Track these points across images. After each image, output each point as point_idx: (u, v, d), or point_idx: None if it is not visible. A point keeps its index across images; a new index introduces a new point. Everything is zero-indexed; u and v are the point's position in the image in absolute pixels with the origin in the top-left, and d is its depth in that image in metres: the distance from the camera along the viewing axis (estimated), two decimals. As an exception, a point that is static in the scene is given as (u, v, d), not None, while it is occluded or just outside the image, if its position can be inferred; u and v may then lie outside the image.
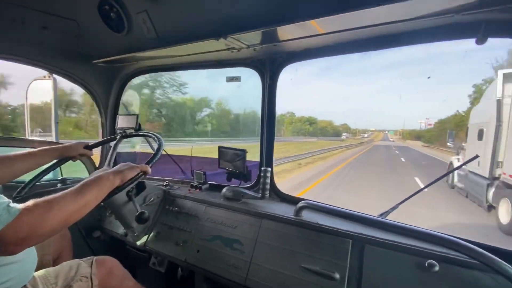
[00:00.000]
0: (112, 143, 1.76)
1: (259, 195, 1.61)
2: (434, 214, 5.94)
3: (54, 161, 1.41)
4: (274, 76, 1.63)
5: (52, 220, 0.75)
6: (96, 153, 1.92)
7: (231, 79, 1.77)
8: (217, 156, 1.77)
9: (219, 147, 1.74)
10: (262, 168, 1.60)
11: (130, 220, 1.52)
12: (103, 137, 2.19)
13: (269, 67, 1.62)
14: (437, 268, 0.98)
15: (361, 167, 14.61)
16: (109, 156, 1.69)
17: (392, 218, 1.29)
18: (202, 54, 1.65)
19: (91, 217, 1.97)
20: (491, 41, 0.99)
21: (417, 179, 9.53)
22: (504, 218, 5.01)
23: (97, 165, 2.14)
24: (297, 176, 10.62)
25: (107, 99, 2.19)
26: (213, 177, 1.95)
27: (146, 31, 1.53)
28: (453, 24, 1.05)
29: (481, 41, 0.98)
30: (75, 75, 1.96)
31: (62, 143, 1.51)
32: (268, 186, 1.60)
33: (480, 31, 0.98)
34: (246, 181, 1.71)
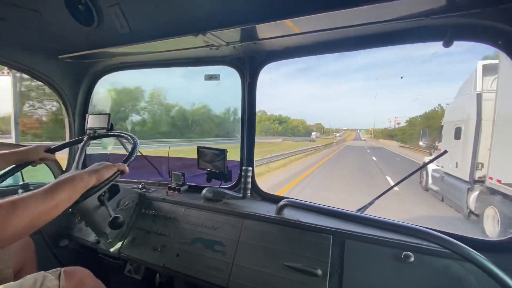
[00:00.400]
0: (80, 145, 1.64)
1: (241, 195, 1.59)
2: (406, 218, 5.32)
3: (12, 166, 1.29)
4: (254, 75, 1.62)
5: (16, 222, 0.66)
6: (63, 156, 1.78)
7: (209, 77, 1.73)
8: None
9: (198, 147, 1.70)
10: (243, 168, 1.58)
11: (103, 226, 1.42)
12: (70, 138, 2.03)
13: (249, 66, 1.61)
14: (412, 259, 1.03)
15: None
16: (76, 158, 1.57)
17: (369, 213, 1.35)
18: (180, 51, 1.60)
19: (57, 225, 1.82)
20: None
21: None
22: (490, 229, 4.31)
23: (64, 169, 1.98)
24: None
25: (75, 98, 2.03)
26: (192, 178, 1.89)
27: (119, 26, 1.44)
28: (422, 28, 1.11)
29: (447, 43, 1.05)
30: (38, 71, 1.80)
31: (24, 146, 1.38)
32: (249, 186, 1.58)
33: (447, 34, 1.05)
34: (227, 181, 1.68)
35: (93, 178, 0.93)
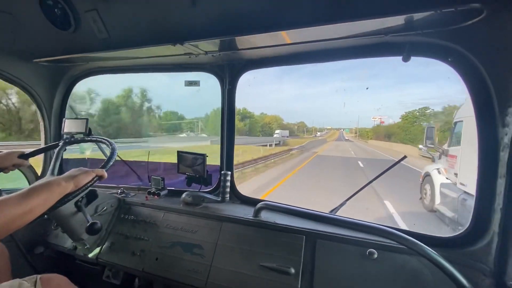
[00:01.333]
0: (56, 150, 1.62)
1: (220, 199, 1.63)
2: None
3: None
4: (233, 82, 1.68)
5: None
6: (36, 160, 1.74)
7: (189, 83, 1.77)
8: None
9: (178, 152, 1.72)
10: (222, 172, 1.62)
11: (80, 232, 1.42)
12: (46, 143, 1.99)
13: (228, 73, 1.66)
14: (376, 255, 1.13)
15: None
16: (52, 164, 1.55)
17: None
18: (159, 58, 1.62)
19: (32, 231, 1.78)
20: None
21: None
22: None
23: (39, 174, 1.93)
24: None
25: (51, 101, 1.99)
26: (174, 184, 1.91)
27: (97, 31, 1.44)
28: (384, 43, 1.22)
29: (406, 58, 1.16)
30: (11, 74, 1.75)
31: None
32: (228, 190, 1.63)
33: (405, 50, 1.16)
34: (207, 185, 1.71)
35: (71, 184, 0.93)
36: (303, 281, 1.17)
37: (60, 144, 1.63)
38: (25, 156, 1.45)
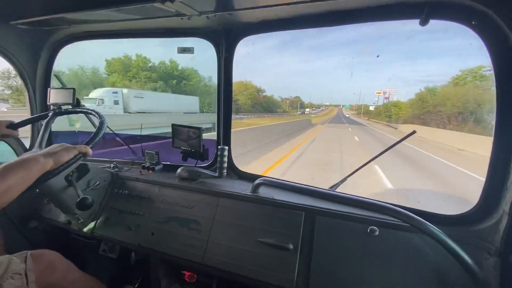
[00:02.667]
0: (44, 121, 1.52)
1: (217, 174, 1.57)
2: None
3: None
4: (230, 49, 1.54)
5: None
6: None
7: (183, 50, 1.62)
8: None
9: (173, 125, 1.63)
10: (219, 147, 1.55)
11: (72, 207, 1.37)
12: (32, 114, 1.88)
13: (225, 39, 1.52)
14: (377, 233, 1.10)
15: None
16: (39, 136, 1.46)
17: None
18: (149, 20, 1.46)
19: (25, 206, 1.74)
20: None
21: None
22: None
23: (27, 147, 1.85)
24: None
25: (34, 70, 1.85)
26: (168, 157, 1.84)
27: (77, -13, 1.28)
28: (400, 4, 1.08)
29: (424, 22, 1.04)
30: None
31: None
32: (225, 165, 1.57)
33: (423, 12, 1.03)
34: (203, 160, 1.65)
35: (50, 161, 0.86)
36: (302, 256, 1.15)
37: (49, 114, 1.53)
38: (14, 126, 1.35)
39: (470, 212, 1.08)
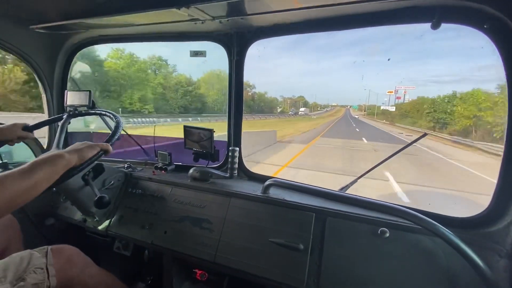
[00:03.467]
0: (60, 123, 1.58)
1: (227, 175, 1.61)
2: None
3: None
4: (241, 52, 1.57)
5: None
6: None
7: (195, 53, 1.66)
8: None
9: (185, 126, 1.67)
10: (230, 148, 1.58)
11: (89, 205, 1.42)
12: (49, 116, 1.95)
13: (236, 42, 1.55)
14: (388, 234, 1.11)
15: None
16: (56, 137, 1.52)
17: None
18: (163, 25, 1.51)
19: (42, 203, 1.80)
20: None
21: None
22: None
23: (44, 147, 1.91)
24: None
25: (52, 73, 1.91)
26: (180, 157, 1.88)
27: (95, -6, 1.33)
28: (412, 8, 1.09)
29: (435, 25, 1.05)
30: (7, 42, 1.66)
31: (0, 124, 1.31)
32: (236, 166, 1.60)
33: (435, 16, 1.04)
34: (214, 161, 1.68)
35: (75, 157, 0.90)
36: (312, 257, 1.17)
37: (64, 116, 1.59)
38: (29, 128, 1.41)
39: (482, 215, 1.09)
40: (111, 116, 1.45)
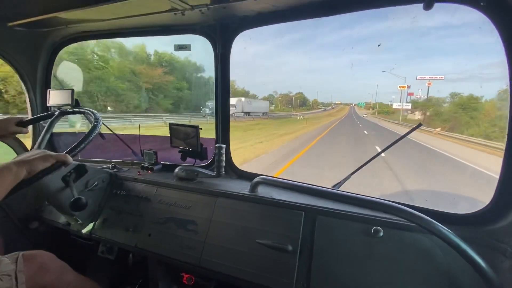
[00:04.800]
0: (47, 122, 1.51)
1: (215, 173, 1.53)
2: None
3: None
4: (227, 45, 1.49)
5: None
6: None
7: (179, 47, 1.59)
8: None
9: (170, 124, 1.60)
10: (217, 145, 1.51)
11: (69, 208, 1.36)
12: (32, 115, 1.88)
13: (220, 34, 1.48)
14: (381, 233, 1.02)
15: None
16: (40, 137, 1.46)
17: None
18: (144, 17, 1.44)
19: (26, 207, 1.74)
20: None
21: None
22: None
23: (29, 148, 1.85)
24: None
25: (34, 72, 1.85)
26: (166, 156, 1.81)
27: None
28: None
29: (428, 5, 0.96)
30: None
31: None
32: (223, 164, 1.52)
33: (428, -5, 0.95)
34: (202, 160, 1.61)
35: (23, 170, 0.79)
36: (301, 258, 1.09)
37: (56, 113, 1.52)
38: (24, 124, 1.35)
39: (483, 211, 1.00)
40: (91, 114, 1.39)
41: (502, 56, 0.90)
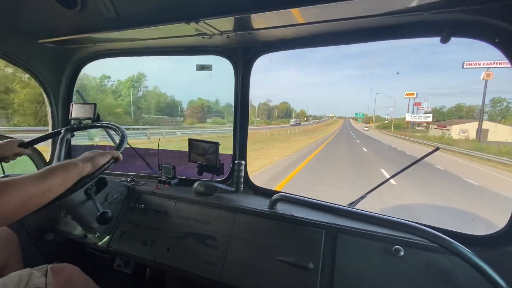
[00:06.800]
0: (59, 137, 1.56)
1: (233, 189, 1.57)
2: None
3: None
4: (247, 66, 1.57)
5: (7, 201, 0.66)
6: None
7: (201, 67, 1.67)
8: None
9: (189, 139, 1.65)
10: (236, 161, 1.55)
11: (90, 221, 1.38)
12: (53, 129, 1.94)
13: (242, 56, 1.56)
14: (402, 253, 1.05)
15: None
16: (56, 151, 1.51)
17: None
18: (170, 39, 1.52)
19: (42, 218, 1.76)
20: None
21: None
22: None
23: (48, 161, 1.89)
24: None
25: (58, 86, 1.92)
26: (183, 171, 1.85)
27: (104, 10, 1.34)
28: (421, 22, 1.10)
29: (445, 40, 1.05)
30: (15, 55, 1.68)
31: None
32: (242, 180, 1.57)
33: (444, 30, 1.04)
34: (219, 175, 1.65)
35: (88, 165, 0.92)
36: (323, 277, 1.11)
37: (62, 131, 1.58)
38: (25, 145, 1.40)
39: (500, 232, 1.04)
40: (115, 128, 1.44)
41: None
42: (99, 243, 1.54)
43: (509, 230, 1.01)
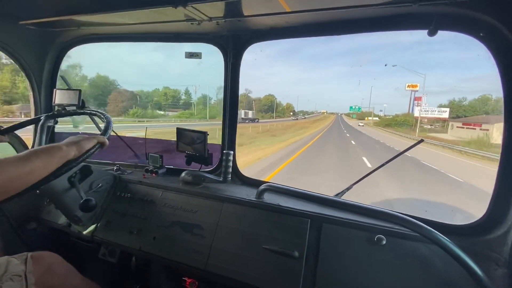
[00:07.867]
0: (39, 124, 1.51)
1: (221, 179, 1.57)
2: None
3: None
4: (238, 55, 1.55)
5: None
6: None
7: (190, 55, 1.64)
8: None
9: (177, 129, 1.63)
10: (224, 151, 1.55)
11: (74, 209, 1.35)
12: (35, 115, 1.87)
13: (232, 45, 1.53)
14: (384, 242, 1.08)
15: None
16: (36, 138, 1.46)
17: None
18: (158, 24, 1.48)
19: (24, 207, 1.71)
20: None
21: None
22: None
23: (29, 145, 1.83)
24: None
25: (41, 71, 1.85)
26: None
27: (88, -10, 1.30)
28: (409, 14, 1.10)
29: (432, 32, 1.05)
30: None
31: None
32: (230, 170, 1.56)
33: (432, 23, 1.04)
34: (207, 165, 1.64)
35: (73, 149, 0.88)
36: (307, 265, 1.13)
37: (42, 118, 1.52)
38: (2, 131, 1.34)
39: (478, 222, 1.08)
40: (101, 115, 1.40)
41: (480, 71, 0.98)
42: (84, 232, 1.51)
43: (486, 221, 1.05)
